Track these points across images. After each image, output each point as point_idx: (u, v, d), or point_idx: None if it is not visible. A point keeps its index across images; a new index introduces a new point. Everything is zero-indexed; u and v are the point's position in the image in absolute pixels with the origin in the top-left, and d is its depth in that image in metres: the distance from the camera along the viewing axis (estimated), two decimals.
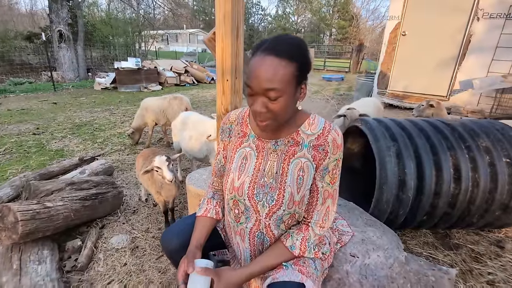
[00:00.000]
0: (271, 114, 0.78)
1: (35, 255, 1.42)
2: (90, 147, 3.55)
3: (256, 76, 0.74)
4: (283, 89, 0.74)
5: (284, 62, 0.73)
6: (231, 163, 0.98)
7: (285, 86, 0.74)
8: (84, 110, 5.61)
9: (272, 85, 0.73)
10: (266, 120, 0.79)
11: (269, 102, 0.76)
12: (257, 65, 0.74)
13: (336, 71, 15.19)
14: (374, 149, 1.59)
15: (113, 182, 2.15)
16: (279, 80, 0.73)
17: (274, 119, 0.80)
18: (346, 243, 1.20)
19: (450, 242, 1.82)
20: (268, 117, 0.79)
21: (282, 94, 0.75)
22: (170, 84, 9.05)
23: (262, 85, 0.74)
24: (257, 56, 0.75)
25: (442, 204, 1.56)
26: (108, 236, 1.85)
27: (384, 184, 1.53)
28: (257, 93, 0.76)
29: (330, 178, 0.89)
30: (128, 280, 1.50)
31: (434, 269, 1.22)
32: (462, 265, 1.64)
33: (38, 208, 1.48)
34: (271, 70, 0.73)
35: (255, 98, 0.78)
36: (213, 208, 1.05)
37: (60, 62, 10.47)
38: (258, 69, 0.74)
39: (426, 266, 1.23)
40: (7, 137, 3.84)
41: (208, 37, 1.51)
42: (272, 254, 0.90)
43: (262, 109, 0.77)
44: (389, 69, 5.22)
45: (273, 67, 0.73)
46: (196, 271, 0.82)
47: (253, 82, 0.75)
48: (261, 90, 0.75)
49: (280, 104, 0.76)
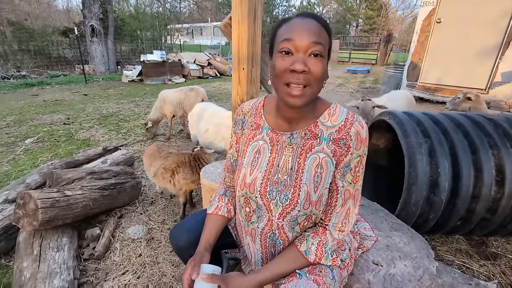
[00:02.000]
0: (310, 76, 0.71)
1: (55, 242, 1.46)
2: (115, 137, 3.65)
3: (301, 29, 0.71)
4: (325, 50, 0.72)
5: (324, 28, 0.73)
6: (243, 157, 0.90)
7: (325, 49, 0.72)
8: (111, 101, 5.82)
9: (319, 39, 0.70)
10: (303, 84, 0.71)
11: (311, 61, 0.71)
12: (301, 23, 0.72)
13: (362, 63, 14.52)
14: (403, 145, 1.44)
15: (132, 172, 2.17)
16: (323, 38, 0.72)
17: (311, 86, 0.72)
18: (368, 248, 1.09)
19: (487, 250, 1.63)
20: (307, 80, 0.71)
21: (324, 53, 0.72)
22: (193, 76, 9.14)
23: (310, 36, 0.70)
24: (295, 19, 0.74)
25: (481, 209, 1.38)
26: (125, 226, 1.88)
27: (413, 184, 1.38)
28: (300, 49, 0.71)
29: (352, 176, 0.79)
30: (142, 272, 1.50)
31: (470, 283, 1.08)
32: (501, 277, 1.47)
33: (57, 196, 1.52)
34: (317, 29, 0.71)
35: (296, 57, 0.71)
36: (224, 206, 0.98)
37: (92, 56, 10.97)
38: (302, 24, 0.72)
39: (461, 279, 1.09)
40: (41, 126, 4.06)
41: (224, 22, 1.44)
42: (285, 259, 0.82)
43: (305, 67, 0.69)
44: (420, 59, 4.83)
45: (317, 27, 0.72)
46: (202, 278, 0.76)
47: (297, 37, 0.70)
48: (307, 44, 0.70)
49: (322, 65, 0.71)
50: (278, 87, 0.75)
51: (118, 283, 1.42)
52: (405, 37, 17.97)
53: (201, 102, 3.21)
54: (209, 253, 0.87)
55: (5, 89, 7.03)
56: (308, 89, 0.72)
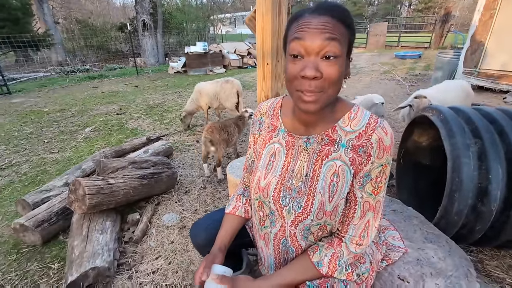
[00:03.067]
0: (324, 82, 0.64)
1: (100, 225, 1.64)
2: (158, 127, 3.92)
3: (311, 29, 0.62)
4: (342, 48, 0.63)
5: (341, 23, 0.63)
6: (259, 160, 0.88)
7: (342, 48, 0.63)
8: (157, 92, 6.21)
9: (332, 35, 0.61)
10: (317, 91, 0.64)
11: (324, 64, 0.63)
12: (312, 22, 0.63)
13: (412, 47, 13.04)
14: (447, 146, 1.27)
15: (168, 163, 2.32)
16: (339, 34, 0.62)
17: (325, 92, 0.65)
18: (395, 261, 1.00)
19: None
20: (320, 86, 0.64)
21: (340, 52, 0.63)
22: (233, 66, 9.26)
23: (320, 37, 0.61)
24: (306, 17, 0.64)
25: None
26: (161, 213, 2.02)
27: (456, 191, 1.22)
28: (311, 54, 0.63)
29: (372, 187, 0.72)
30: (173, 258, 1.61)
31: None
32: None
33: (102, 184, 1.70)
34: (330, 27, 0.62)
35: (306, 61, 0.64)
36: (242, 206, 0.99)
37: (143, 49, 11.79)
38: (314, 25, 0.62)
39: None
40: (98, 116, 4.54)
41: (249, 16, 1.40)
42: (296, 268, 0.79)
43: (316, 73, 0.62)
44: (482, 42, 4.12)
45: (331, 24, 0.62)
46: (212, 278, 0.78)
47: (308, 40, 0.62)
48: (318, 44, 0.62)
49: (337, 67, 0.63)
50: (290, 92, 0.70)
51: (152, 266, 1.55)
52: (468, 15, 15.52)
53: (236, 94, 3.24)
54: (223, 254, 0.88)
55: (73, 81, 7.97)
56: (323, 94, 0.65)
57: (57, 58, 11.12)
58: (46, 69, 9.70)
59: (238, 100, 3.35)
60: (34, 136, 3.70)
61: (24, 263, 1.60)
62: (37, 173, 2.67)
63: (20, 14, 9.37)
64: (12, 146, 3.36)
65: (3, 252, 1.69)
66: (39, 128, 4.01)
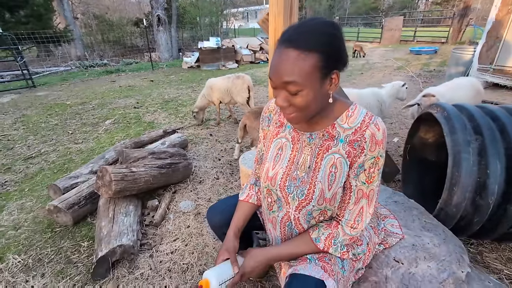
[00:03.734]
0: (294, 108, 0.75)
1: (124, 208, 1.81)
2: (173, 121, 4.09)
3: (274, 69, 0.72)
4: (304, 82, 0.69)
5: (304, 54, 0.68)
6: (268, 152, 1.00)
7: (306, 80, 0.69)
8: (172, 87, 6.40)
9: (290, 78, 0.69)
10: (291, 113, 0.77)
11: (291, 96, 0.73)
12: (275, 58, 0.72)
13: (429, 42, 12.64)
14: (448, 142, 1.34)
15: (184, 154, 2.46)
16: (298, 73, 0.68)
17: (300, 112, 0.76)
18: (392, 245, 1.10)
19: None
20: (292, 111, 0.76)
21: (303, 88, 0.70)
22: (246, 61, 9.33)
23: (280, 78, 0.71)
24: (277, 49, 0.73)
25: None
26: (178, 200, 2.18)
27: (455, 185, 1.30)
28: (278, 86, 0.74)
29: (366, 177, 0.82)
30: (189, 241, 1.76)
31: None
32: None
33: (126, 172, 1.86)
34: (288, 62, 0.69)
35: (278, 91, 0.75)
36: (254, 194, 1.10)
37: (158, 44, 12.01)
38: (276, 61, 0.72)
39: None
40: (117, 109, 4.76)
41: (262, 18, 1.50)
42: (297, 242, 0.92)
43: (284, 103, 0.74)
44: (498, 38, 4.01)
45: (290, 59, 0.69)
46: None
47: (273, 76, 0.73)
48: (280, 83, 0.72)
49: (302, 98, 0.72)
50: None
51: (170, 247, 1.70)
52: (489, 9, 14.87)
53: (247, 89, 3.35)
54: (238, 239, 1.03)
55: (92, 76, 8.29)
56: (299, 113, 0.76)
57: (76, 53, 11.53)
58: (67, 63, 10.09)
59: (249, 95, 3.46)
60: (59, 127, 3.95)
61: (57, 241, 1.78)
62: (64, 162, 2.88)
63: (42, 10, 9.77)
64: (40, 136, 3.61)
65: (39, 230, 1.89)
66: (63, 120, 4.26)
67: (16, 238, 1.83)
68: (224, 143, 3.24)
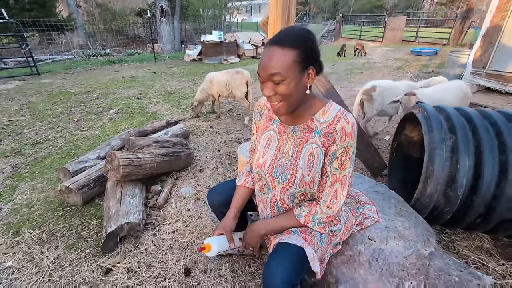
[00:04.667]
0: (280, 96, 0.89)
1: (130, 191, 1.96)
2: (175, 112, 4.22)
3: (262, 64, 0.88)
4: (286, 73, 0.85)
5: (286, 50, 0.84)
6: (259, 143, 1.16)
7: (288, 71, 0.84)
8: (174, 79, 6.51)
9: (274, 70, 0.84)
10: (276, 102, 0.91)
11: (276, 86, 0.88)
12: (263, 55, 0.89)
13: (430, 43, 12.72)
14: (426, 139, 1.50)
15: (186, 144, 2.61)
16: (281, 65, 0.84)
17: (284, 101, 0.91)
18: (367, 226, 1.26)
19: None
20: (278, 99, 0.90)
21: (286, 77, 0.85)
22: (248, 56, 9.42)
23: (266, 71, 0.86)
24: (264, 50, 0.90)
25: (502, 210, 1.39)
26: (179, 186, 2.33)
27: (429, 177, 1.46)
28: (265, 79, 0.89)
29: (338, 164, 0.97)
30: (189, 222, 1.92)
31: (462, 270, 1.18)
32: None
33: (133, 158, 2.01)
34: (274, 58, 0.85)
35: (265, 84, 0.90)
36: (250, 180, 1.27)
37: (161, 35, 12.06)
38: (263, 58, 0.88)
39: (454, 266, 1.19)
40: (120, 99, 4.89)
41: (263, 21, 1.64)
42: (284, 217, 1.09)
43: (270, 92, 0.89)
44: (492, 43, 4.15)
45: (275, 55, 0.85)
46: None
47: (260, 70, 0.88)
48: (267, 76, 0.87)
49: (285, 87, 0.87)
50: None
51: (172, 227, 1.87)
52: None
53: (245, 84, 3.50)
54: (236, 220, 1.22)
55: (95, 65, 8.38)
56: (284, 103, 0.91)
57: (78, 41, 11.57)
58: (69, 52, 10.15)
59: (247, 90, 3.63)
60: (65, 115, 4.08)
61: (68, 218, 1.94)
62: (71, 147, 3.03)
63: None
64: (47, 123, 3.75)
65: (51, 209, 2.04)
66: (69, 108, 4.39)
67: (30, 215, 1.99)
68: (224, 135, 3.39)
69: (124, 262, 1.58)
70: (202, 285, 1.44)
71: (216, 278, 1.48)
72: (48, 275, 1.51)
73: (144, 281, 1.46)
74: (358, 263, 1.17)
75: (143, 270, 1.53)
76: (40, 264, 1.58)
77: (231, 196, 1.27)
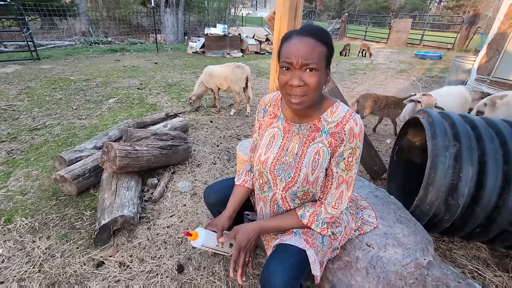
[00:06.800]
0: (307, 88, 0.85)
1: (126, 183, 1.93)
2: (176, 105, 4.18)
3: (296, 51, 0.83)
4: (319, 64, 0.84)
5: (319, 43, 0.84)
6: (261, 140, 1.12)
7: (321, 63, 0.84)
8: (176, 71, 6.44)
9: (312, 59, 0.83)
10: (301, 95, 0.86)
11: (306, 75, 0.84)
12: (296, 43, 0.84)
13: (435, 47, 12.61)
14: (429, 146, 1.47)
15: (185, 138, 2.58)
16: (317, 56, 0.83)
17: (308, 95, 0.87)
18: (366, 232, 1.24)
19: (510, 264, 1.59)
20: (304, 91, 0.86)
21: (319, 68, 0.84)
22: (251, 51, 9.33)
23: (303, 58, 0.82)
24: (293, 39, 0.85)
25: (502, 221, 1.37)
26: (176, 180, 2.30)
27: (430, 185, 1.43)
28: (296, 68, 0.84)
29: (345, 165, 0.95)
30: (184, 218, 1.90)
31: (460, 282, 1.16)
32: None
33: (130, 149, 1.97)
34: (310, 47, 0.83)
35: (293, 73, 0.85)
36: (250, 180, 1.23)
37: (164, 26, 11.92)
38: (297, 45, 0.83)
39: (452, 276, 1.17)
40: (120, 89, 4.83)
41: (269, 16, 1.59)
42: (284, 217, 1.06)
43: (300, 82, 0.84)
44: (498, 50, 4.11)
45: (311, 45, 0.83)
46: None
47: (293, 58, 0.83)
48: (301, 64, 0.83)
49: (316, 78, 0.84)
50: (283, 95, 0.93)
51: (167, 222, 1.84)
52: None
53: (245, 79, 3.47)
54: (231, 220, 1.16)
55: (96, 53, 8.27)
56: (306, 97, 0.87)
57: (80, 28, 11.41)
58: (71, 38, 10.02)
59: (246, 85, 3.60)
60: (63, 102, 4.03)
61: (62, 208, 1.91)
62: (68, 136, 2.99)
63: None
64: (45, 109, 3.70)
65: (45, 197, 2.01)
66: (67, 95, 4.33)
67: (23, 202, 1.95)
68: (223, 131, 3.35)
69: (116, 255, 1.56)
70: (195, 283, 1.42)
71: (209, 276, 1.46)
72: (38, 265, 1.48)
73: (136, 276, 1.44)
74: (355, 269, 1.14)
75: (136, 265, 1.50)
76: (31, 253, 1.55)
77: (228, 195, 1.24)
